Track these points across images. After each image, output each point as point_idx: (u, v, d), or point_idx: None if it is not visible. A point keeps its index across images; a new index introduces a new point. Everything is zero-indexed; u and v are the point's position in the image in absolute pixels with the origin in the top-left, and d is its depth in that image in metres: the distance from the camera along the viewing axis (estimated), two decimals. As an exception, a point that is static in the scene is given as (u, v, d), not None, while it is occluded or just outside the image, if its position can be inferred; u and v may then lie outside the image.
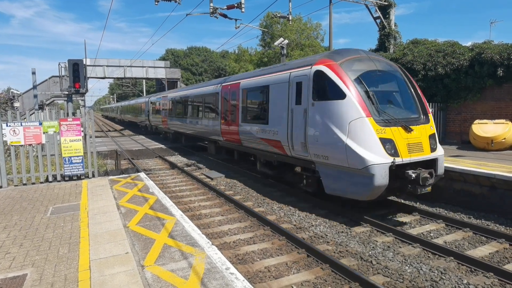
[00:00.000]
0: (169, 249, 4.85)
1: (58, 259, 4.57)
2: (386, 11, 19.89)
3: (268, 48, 39.93)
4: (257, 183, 11.85)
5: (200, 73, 63.85)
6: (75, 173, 9.42)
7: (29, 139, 8.81)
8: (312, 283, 5.22)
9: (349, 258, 6.07)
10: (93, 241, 5.15)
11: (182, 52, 69.53)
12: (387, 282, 5.21)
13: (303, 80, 8.87)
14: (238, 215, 8.48)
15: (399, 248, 6.42)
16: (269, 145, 10.58)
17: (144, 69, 37.27)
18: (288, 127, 9.39)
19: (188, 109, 19.39)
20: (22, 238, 5.33)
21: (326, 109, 8.01)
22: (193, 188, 11.40)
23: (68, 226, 5.83)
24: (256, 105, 11.79)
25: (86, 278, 4.02)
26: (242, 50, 45.41)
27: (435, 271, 5.49)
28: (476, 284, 5.11)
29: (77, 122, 9.20)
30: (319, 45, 39.45)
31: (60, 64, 21.67)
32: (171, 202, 7.29)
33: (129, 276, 4.07)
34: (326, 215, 8.35)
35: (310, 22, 39.66)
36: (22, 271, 4.24)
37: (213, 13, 15.60)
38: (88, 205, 7.02)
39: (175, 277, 4.04)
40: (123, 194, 7.91)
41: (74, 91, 13.81)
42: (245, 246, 6.60)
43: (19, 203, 7.23)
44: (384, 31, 19.78)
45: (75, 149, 9.21)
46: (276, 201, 9.62)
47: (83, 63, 13.98)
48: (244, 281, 3.96)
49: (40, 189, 8.49)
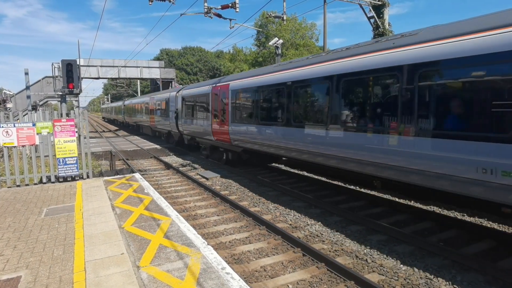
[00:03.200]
0: (164, 249, 4.84)
1: (53, 260, 4.54)
2: (380, 11, 20.01)
3: (263, 47, 39.97)
4: (253, 182, 11.86)
5: (195, 72, 63.71)
6: (69, 174, 9.36)
7: (23, 140, 8.74)
8: (308, 282, 5.24)
9: (344, 256, 6.10)
10: (88, 242, 5.13)
11: (176, 52, 69.30)
12: (382, 280, 5.25)
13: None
14: (233, 215, 8.48)
15: (394, 246, 6.46)
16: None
17: (138, 69, 37.12)
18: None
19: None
20: (16, 240, 5.29)
21: None
22: (188, 188, 11.38)
23: (62, 227, 5.79)
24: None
25: (81, 279, 4.01)
26: (237, 50, 45.41)
27: (429, 268, 5.54)
28: (470, 281, 5.16)
29: (71, 122, 9.14)
30: (313, 45, 39.59)
31: (53, 64, 21.53)
32: (166, 203, 7.28)
33: (125, 276, 4.06)
34: (321, 214, 8.39)
35: (305, 22, 39.79)
36: (16, 273, 4.21)
37: (208, 13, 15.56)
38: (82, 206, 6.98)
39: (171, 277, 4.03)
40: (118, 195, 7.88)
41: (67, 91, 13.73)
42: (241, 246, 6.60)
43: (12, 205, 7.17)
44: (378, 30, 19.89)
45: (69, 150, 9.15)
46: (272, 200, 9.64)
47: (77, 63, 13.88)
48: (240, 280, 3.97)
49: (34, 191, 8.42)
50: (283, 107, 9.79)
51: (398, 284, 5.13)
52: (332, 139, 7.85)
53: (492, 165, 4.78)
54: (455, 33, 5.46)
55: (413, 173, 6.04)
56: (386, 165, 6.51)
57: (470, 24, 5.41)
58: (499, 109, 4.79)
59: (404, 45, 6.26)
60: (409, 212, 8.27)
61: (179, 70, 59.69)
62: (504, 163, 4.64)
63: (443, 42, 5.56)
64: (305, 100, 9.25)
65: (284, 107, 9.71)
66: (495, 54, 4.80)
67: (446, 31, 5.72)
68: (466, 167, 5.12)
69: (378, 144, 6.62)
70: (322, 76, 8.21)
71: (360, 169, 7.24)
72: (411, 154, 5.96)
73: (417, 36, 6.21)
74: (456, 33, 5.42)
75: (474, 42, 5.09)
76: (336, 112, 7.77)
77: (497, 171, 4.73)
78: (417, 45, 5.98)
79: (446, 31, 5.70)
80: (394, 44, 6.50)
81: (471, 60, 5.10)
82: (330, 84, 7.85)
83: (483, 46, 4.96)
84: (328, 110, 7.96)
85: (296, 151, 9.34)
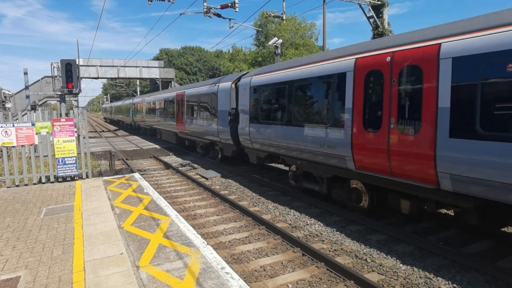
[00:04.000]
0: (164, 249, 4.84)
1: (52, 260, 4.54)
2: (379, 11, 20.03)
3: (262, 47, 39.98)
4: (253, 182, 11.85)
5: (194, 72, 63.67)
6: (68, 174, 9.35)
7: (22, 140, 8.73)
8: (307, 281, 5.24)
9: (344, 256, 6.10)
10: (88, 242, 5.12)
11: (176, 52, 69.25)
12: (382, 280, 5.25)
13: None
14: (233, 214, 8.48)
15: (394, 245, 6.46)
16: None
17: (138, 69, 37.10)
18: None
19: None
20: (15, 240, 5.28)
21: None
22: (188, 188, 11.38)
23: (62, 227, 5.79)
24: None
25: (81, 279, 4.00)
26: (236, 49, 45.39)
27: (429, 268, 5.54)
28: (469, 280, 5.16)
29: (70, 122, 9.13)
30: (313, 45, 39.60)
31: (52, 64, 21.49)
32: (166, 202, 7.28)
33: (124, 276, 4.05)
34: (321, 214, 8.38)
35: (305, 22, 39.79)
36: (16, 273, 4.21)
37: (207, 12, 15.55)
38: (82, 206, 6.98)
39: (171, 277, 4.03)
40: (117, 195, 7.87)
41: (67, 91, 13.71)
42: (241, 246, 6.60)
43: (11, 205, 7.16)
44: (378, 30, 19.91)
45: (69, 150, 9.15)
46: (271, 200, 9.64)
47: (76, 63, 13.87)
48: (239, 280, 3.97)
49: (33, 191, 8.41)
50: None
51: (397, 284, 5.13)
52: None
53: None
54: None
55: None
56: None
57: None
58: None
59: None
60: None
61: (179, 70, 59.66)
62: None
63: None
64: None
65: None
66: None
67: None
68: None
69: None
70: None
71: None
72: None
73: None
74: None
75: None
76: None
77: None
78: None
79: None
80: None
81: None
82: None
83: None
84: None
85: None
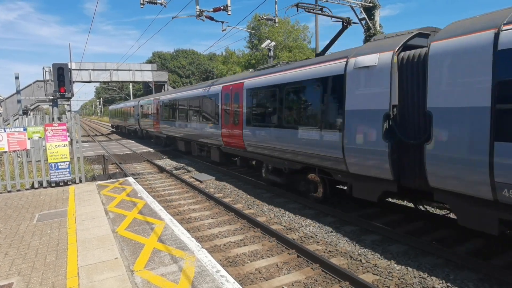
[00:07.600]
0: (158, 253, 4.82)
1: (45, 266, 4.49)
2: (371, 12, 20.19)
3: (255, 50, 40.07)
4: (247, 185, 11.85)
5: (187, 75, 63.54)
6: (61, 179, 9.27)
7: (13, 145, 8.64)
8: (303, 283, 5.25)
9: (339, 257, 6.13)
10: (81, 247, 5.08)
11: (169, 55, 69.06)
12: (376, 280, 5.28)
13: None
14: (228, 217, 8.47)
15: (388, 246, 6.50)
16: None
17: (130, 73, 36.96)
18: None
19: None
20: (7, 246, 5.22)
21: None
22: (182, 192, 11.34)
23: (55, 232, 5.73)
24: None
25: (75, 285, 3.97)
26: (229, 52, 45.44)
27: (423, 267, 5.59)
28: (463, 278, 5.21)
29: (63, 127, 9.07)
30: (306, 47, 39.80)
31: (44, 68, 21.32)
32: (160, 206, 7.25)
33: (119, 281, 4.03)
34: (316, 215, 8.41)
35: (298, 24, 39.98)
36: (8, 280, 4.16)
37: (200, 15, 15.53)
38: (75, 211, 6.92)
39: (165, 281, 4.02)
40: (111, 199, 7.82)
41: (59, 95, 13.58)
42: (236, 249, 6.59)
43: (3, 211, 7.07)
44: (369, 32, 20.06)
45: (61, 155, 9.07)
46: (266, 202, 9.64)
47: (68, 67, 13.77)
48: (234, 283, 3.97)
49: (25, 196, 8.32)
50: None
51: (392, 284, 5.17)
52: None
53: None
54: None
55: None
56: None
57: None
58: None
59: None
60: (402, 212, 8.34)
61: (172, 73, 59.48)
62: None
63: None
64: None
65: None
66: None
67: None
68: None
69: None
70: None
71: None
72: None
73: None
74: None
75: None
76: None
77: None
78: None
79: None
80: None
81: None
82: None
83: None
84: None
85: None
